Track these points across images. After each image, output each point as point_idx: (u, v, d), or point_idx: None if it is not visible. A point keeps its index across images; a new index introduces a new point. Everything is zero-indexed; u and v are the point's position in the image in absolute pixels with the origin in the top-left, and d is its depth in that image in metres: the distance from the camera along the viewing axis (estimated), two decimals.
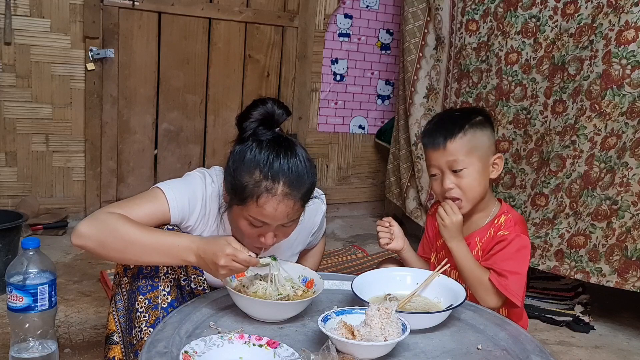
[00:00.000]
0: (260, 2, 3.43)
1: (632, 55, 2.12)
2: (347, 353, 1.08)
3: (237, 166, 1.33)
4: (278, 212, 1.31)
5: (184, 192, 1.40)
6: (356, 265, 2.90)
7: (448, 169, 1.53)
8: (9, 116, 2.94)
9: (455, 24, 3.01)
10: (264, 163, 1.30)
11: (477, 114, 1.58)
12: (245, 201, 1.31)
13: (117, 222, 1.28)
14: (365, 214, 4.05)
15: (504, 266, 1.45)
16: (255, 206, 1.30)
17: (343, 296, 1.43)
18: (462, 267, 1.51)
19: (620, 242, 2.13)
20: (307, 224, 1.61)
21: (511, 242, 1.48)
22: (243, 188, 1.30)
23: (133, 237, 1.26)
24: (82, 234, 1.28)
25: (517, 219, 1.57)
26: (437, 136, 1.54)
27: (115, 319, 1.39)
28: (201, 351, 1.08)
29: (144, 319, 1.31)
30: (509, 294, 1.44)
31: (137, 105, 3.20)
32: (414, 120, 3.26)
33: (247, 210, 1.32)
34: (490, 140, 1.55)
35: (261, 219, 1.32)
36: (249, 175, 1.30)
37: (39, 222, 2.97)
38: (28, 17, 2.89)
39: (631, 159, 2.12)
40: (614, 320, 2.40)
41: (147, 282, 1.32)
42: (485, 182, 1.54)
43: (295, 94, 3.63)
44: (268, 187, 1.29)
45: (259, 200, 1.29)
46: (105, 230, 1.27)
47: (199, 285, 1.44)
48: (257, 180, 1.29)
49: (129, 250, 1.27)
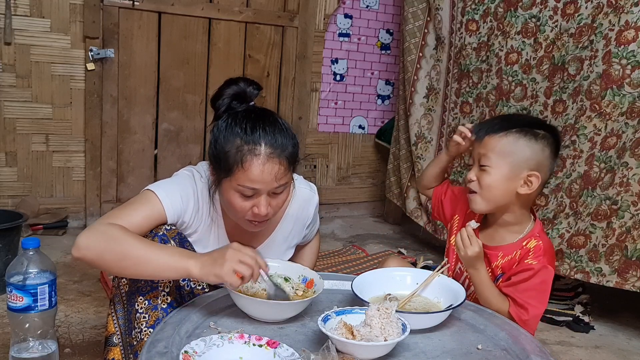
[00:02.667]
0: (260, 2, 3.43)
1: (632, 55, 2.12)
2: (347, 353, 1.08)
3: (218, 138, 1.35)
4: (265, 174, 1.31)
5: (175, 191, 1.40)
6: (356, 265, 2.90)
7: (477, 161, 1.51)
8: (9, 116, 2.94)
9: (455, 24, 3.01)
10: (243, 130, 1.32)
11: (543, 128, 1.49)
12: (231, 170, 1.32)
13: (117, 234, 1.26)
14: (365, 214, 4.05)
15: (526, 297, 1.40)
16: (242, 172, 1.31)
17: (343, 296, 1.43)
18: (480, 294, 1.47)
19: (620, 242, 2.13)
20: (301, 215, 1.62)
21: (537, 273, 1.43)
22: (227, 157, 1.32)
23: (133, 251, 1.25)
24: (81, 247, 1.26)
25: (547, 248, 1.49)
26: (484, 128, 1.52)
27: (115, 321, 1.39)
28: (201, 351, 1.08)
29: (144, 319, 1.31)
30: (527, 329, 1.37)
31: (137, 105, 3.20)
32: (414, 120, 3.26)
33: (235, 179, 1.32)
34: (533, 154, 1.46)
35: (250, 185, 1.32)
36: (230, 144, 1.32)
37: (39, 222, 2.97)
38: (28, 17, 2.89)
39: (631, 159, 2.12)
40: (614, 320, 2.40)
41: (147, 283, 1.32)
42: (508, 191, 1.47)
43: (295, 94, 3.63)
44: (250, 149, 1.31)
45: (244, 164, 1.30)
46: (104, 243, 1.26)
47: (198, 285, 1.44)
48: (238, 146, 1.31)
49: (128, 264, 1.26)
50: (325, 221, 3.72)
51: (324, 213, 3.82)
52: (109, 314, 1.40)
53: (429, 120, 3.22)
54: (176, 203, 1.39)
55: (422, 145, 3.24)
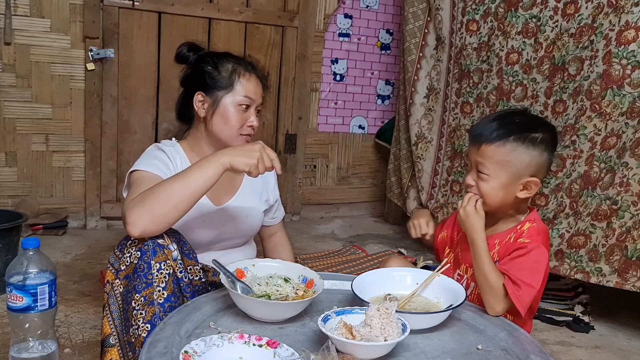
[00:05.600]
0: (260, 2, 3.43)
1: (632, 55, 2.12)
2: (347, 353, 1.08)
3: (213, 67, 1.63)
4: (258, 88, 1.66)
5: (150, 160, 1.57)
6: (356, 265, 2.90)
7: (474, 166, 1.51)
8: (9, 116, 2.94)
9: (455, 24, 3.01)
10: (228, 58, 1.66)
11: (540, 129, 1.47)
12: (232, 85, 1.62)
13: (147, 193, 1.35)
14: (365, 214, 4.05)
15: (519, 275, 1.38)
16: (242, 85, 1.62)
17: (343, 296, 1.43)
18: (478, 265, 1.43)
19: (620, 242, 2.13)
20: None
21: (530, 251, 1.41)
22: (228, 75, 1.62)
23: (171, 189, 1.34)
24: (135, 223, 1.31)
25: (541, 229, 1.49)
26: (480, 133, 1.48)
27: (110, 322, 1.39)
28: (201, 351, 1.08)
29: (141, 315, 1.31)
30: (520, 305, 1.37)
31: (137, 105, 3.20)
32: (415, 120, 3.26)
33: (236, 92, 1.62)
34: (531, 161, 1.44)
35: (249, 95, 1.62)
36: (226, 66, 1.63)
37: (39, 222, 2.97)
38: (28, 17, 2.89)
39: (631, 159, 2.12)
40: (614, 320, 2.40)
41: (142, 280, 1.33)
42: (507, 196, 1.47)
43: (295, 94, 3.63)
44: (244, 68, 1.64)
45: (244, 77, 1.63)
46: (146, 204, 1.32)
47: (195, 276, 1.44)
48: (234, 66, 1.64)
49: (178, 199, 1.33)
50: (325, 221, 3.73)
51: (324, 213, 3.83)
52: (104, 317, 1.40)
53: (430, 120, 3.22)
54: (160, 166, 1.56)
55: (422, 146, 3.24)
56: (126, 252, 1.36)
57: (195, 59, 1.68)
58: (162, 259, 1.34)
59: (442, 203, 3.14)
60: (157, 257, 1.33)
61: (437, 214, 3.11)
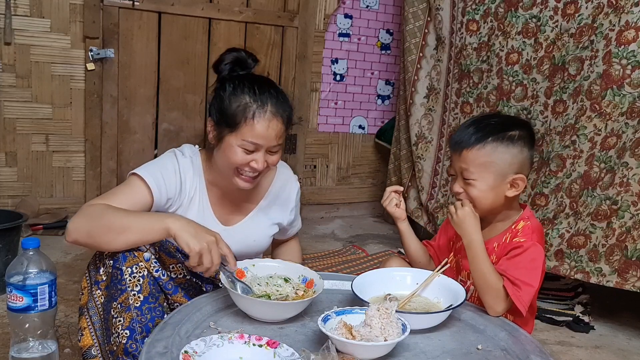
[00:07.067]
0: (260, 2, 3.43)
1: (632, 56, 2.12)
2: (347, 353, 1.08)
3: (225, 97, 1.47)
4: (270, 130, 1.45)
5: (156, 169, 1.50)
6: (356, 265, 2.90)
7: (460, 174, 1.51)
8: (9, 116, 2.94)
9: (455, 24, 3.01)
10: (250, 89, 1.46)
11: (516, 127, 1.49)
12: (238, 125, 1.44)
13: (98, 211, 1.35)
14: (365, 214, 4.05)
15: (517, 275, 1.39)
16: (248, 127, 1.44)
17: (343, 296, 1.43)
18: (476, 267, 1.42)
19: (620, 242, 2.13)
20: (282, 194, 1.71)
21: (526, 250, 1.42)
22: (235, 113, 1.45)
23: (115, 222, 1.32)
24: (70, 230, 1.34)
25: (535, 227, 1.50)
26: (459, 140, 1.50)
27: (92, 332, 1.39)
28: (201, 351, 1.08)
29: (120, 323, 1.31)
30: (521, 305, 1.37)
31: (137, 105, 3.20)
32: (415, 120, 3.26)
33: (240, 134, 1.44)
34: (513, 159, 1.46)
35: (254, 140, 1.45)
36: (238, 101, 1.45)
37: (39, 222, 2.97)
38: (28, 17, 2.89)
39: (631, 159, 2.12)
40: (614, 320, 2.40)
41: (117, 288, 1.33)
42: (497, 198, 1.48)
43: (295, 94, 3.63)
44: (258, 107, 1.44)
45: (252, 120, 1.44)
46: (89, 221, 1.33)
47: (179, 274, 1.44)
48: (247, 103, 1.44)
49: (114, 235, 1.31)
50: (325, 221, 3.73)
51: (324, 213, 3.83)
52: (85, 328, 1.39)
53: (430, 120, 3.22)
54: (159, 181, 1.48)
55: (422, 146, 3.24)
56: (102, 263, 1.37)
57: (220, 78, 1.54)
58: (134, 263, 1.34)
59: (442, 203, 3.14)
60: (127, 262, 1.34)
61: (437, 214, 3.11)
